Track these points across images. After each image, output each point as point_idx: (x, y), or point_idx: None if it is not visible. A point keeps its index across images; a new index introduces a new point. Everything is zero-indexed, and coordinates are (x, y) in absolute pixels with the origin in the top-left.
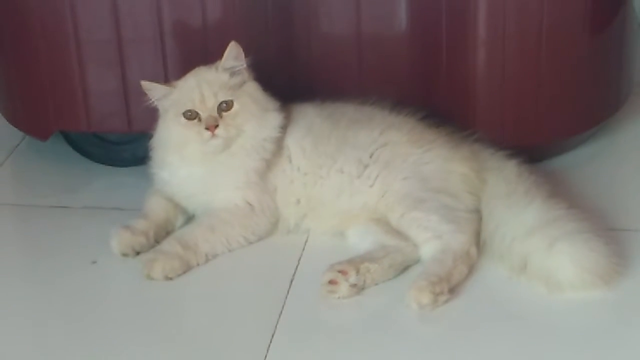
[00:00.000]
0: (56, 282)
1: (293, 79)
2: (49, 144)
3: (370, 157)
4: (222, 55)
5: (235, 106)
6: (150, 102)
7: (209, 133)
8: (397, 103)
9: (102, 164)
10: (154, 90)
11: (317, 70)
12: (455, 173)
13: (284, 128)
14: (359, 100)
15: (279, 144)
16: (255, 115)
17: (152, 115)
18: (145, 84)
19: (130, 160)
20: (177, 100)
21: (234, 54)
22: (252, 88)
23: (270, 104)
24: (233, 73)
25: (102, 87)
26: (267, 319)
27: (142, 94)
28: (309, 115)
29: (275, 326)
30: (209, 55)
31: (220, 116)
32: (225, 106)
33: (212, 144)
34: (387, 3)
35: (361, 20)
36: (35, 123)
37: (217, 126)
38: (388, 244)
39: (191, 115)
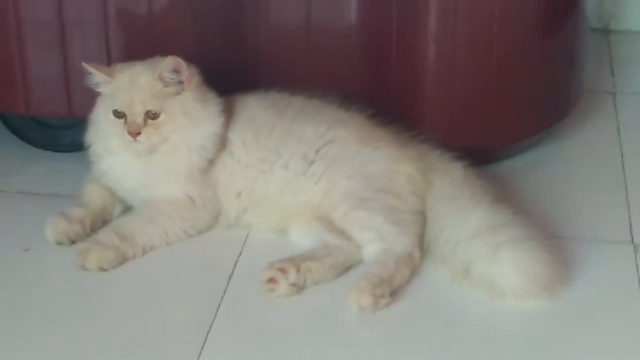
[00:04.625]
0: None
1: (239, 69)
2: None
3: (317, 153)
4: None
5: (162, 117)
6: (91, 84)
7: (130, 138)
8: (345, 98)
9: (41, 148)
10: (94, 75)
11: (264, 61)
12: (402, 174)
13: (224, 124)
14: (306, 93)
15: (221, 139)
16: (182, 127)
17: (93, 100)
18: (87, 67)
19: (69, 146)
20: (112, 93)
21: (170, 67)
22: (187, 99)
23: (205, 111)
24: (168, 84)
25: (42, 70)
26: (203, 315)
27: (84, 76)
28: (250, 106)
29: (212, 323)
30: (154, 41)
31: (145, 123)
32: (152, 114)
33: (134, 147)
34: None
35: (311, 10)
36: None
37: (139, 133)
38: (330, 244)
39: (119, 115)
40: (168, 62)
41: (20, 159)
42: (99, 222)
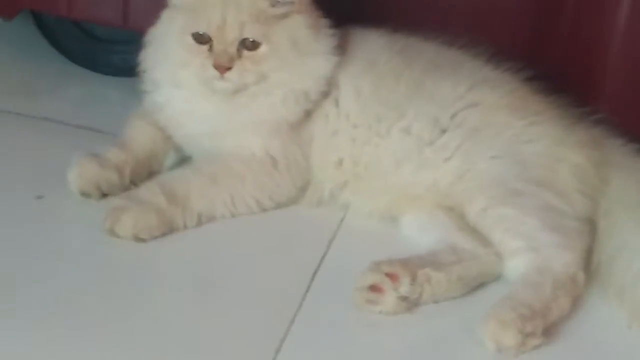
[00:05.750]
0: None
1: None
2: (16, 30)
3: (452, 118)
4: None
5: (263, 48)
6: None
7: (215, 73)
8: (496, 52)
9: (82, 66)
10: None
11: None
12: (567, 162)
13: (337, 65)
14: (443, 39)
15: (328, 84)
16: (287, 64)
17: (157, 10)
18: None
19: (119, 67)
20: (192, 6)
21: None
22: (297, 24)
23: (318, 44)
24: (277, 2)
25: None
26: (273, 326)
27: None
28: (373, 46)
29: (283, 339)
30: None
31: (240, 55)
32: (250, 44)
33: (218, 85)
34: None
35: None
36: None
37: (230, 68)
38: (460, 247)
39: (202, 40)
40: None
41: (54, 77)
42: (144, 172)
